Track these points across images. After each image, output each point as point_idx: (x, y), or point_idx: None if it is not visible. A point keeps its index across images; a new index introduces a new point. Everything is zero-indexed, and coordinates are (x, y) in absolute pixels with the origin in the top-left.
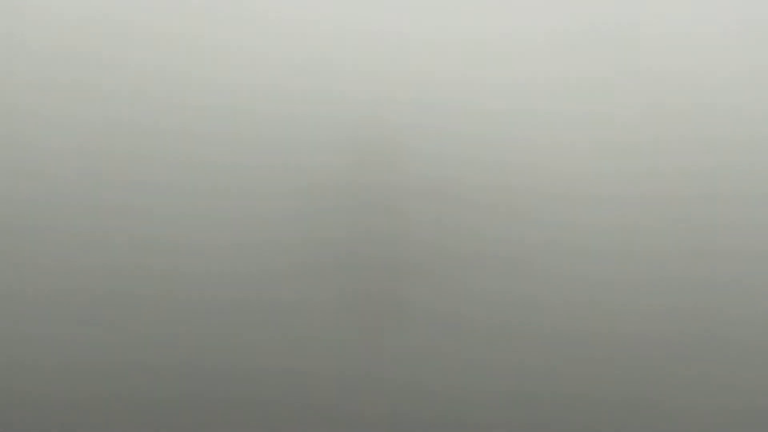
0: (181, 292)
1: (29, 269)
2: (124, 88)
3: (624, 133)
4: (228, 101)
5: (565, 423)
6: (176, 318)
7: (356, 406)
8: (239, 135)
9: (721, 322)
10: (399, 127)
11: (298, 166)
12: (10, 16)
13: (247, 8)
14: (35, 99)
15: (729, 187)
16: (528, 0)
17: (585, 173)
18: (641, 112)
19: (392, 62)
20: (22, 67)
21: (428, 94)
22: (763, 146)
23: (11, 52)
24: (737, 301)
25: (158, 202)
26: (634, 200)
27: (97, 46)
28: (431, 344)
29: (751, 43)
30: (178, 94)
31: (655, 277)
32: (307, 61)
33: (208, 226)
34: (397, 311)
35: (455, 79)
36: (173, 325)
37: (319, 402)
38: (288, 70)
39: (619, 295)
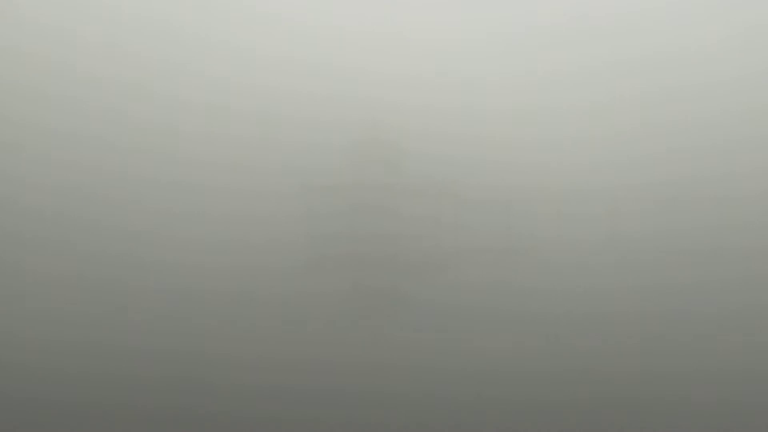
0: (189, 286)
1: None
2: (138, 89)
3: (614, 126)
4: (232, 104)
5: (560, 404)
6: (184, 310)
7: (358, 393)
8: (242, 136)
9: (704, 303)
10: (397, 129)
11: (300, 167)
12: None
13: (249, 12)
14: (48, 90)
15: (715, 172)
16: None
17: (574, 169)
18: (630, 104)
19: (391, 66)
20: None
21: (425, 97)
22: (750, 132)
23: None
24: (719, 285)
25: (163, 200)
26: (623, 192)
27: (115, 45)
28: (428, 334)
29: (737, 35)
30: (182, 96)
31: (643, 265)
32: (308, 65)
33: (214, 224)
34: (396, 304)
35: (451, 82)
36: (181, 318)
37: (323, 389)
38: (289, 74)
39: (610, 283)
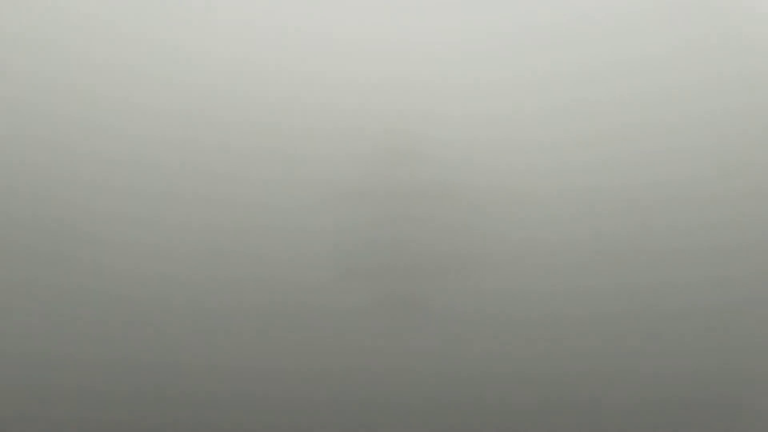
0: (215, 300)
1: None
2: (160, 104)
3: (615, 126)
4: (251, 115)
5: (577, 408)
6: (210, 325)
7: (382, 405)
8: (262, 148)
9: (704, 303)
10: (416, 135)
11: (319, 177)
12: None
13: (267, 20)
14: (40, 100)
15: (715, 173)
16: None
17: (585, 169)
18: (631, 103)
19: (410, 71)
20: (22, 65)
21: (445, 101)
22: (750, 131)
23: (14, 50)
24: (719, 285)
25: (191, 214)
26: (624, 192)
27: (123, 55)
28: (452, 343)
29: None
30: (204, 109)
31: (650, 265)
32: (326, 73)
33: (236, 237)
34: (418, 314)
35: (468, 84)
36: (208, 333)
37: (346, 401)
38: (307, 82)
39: (620, 283)
